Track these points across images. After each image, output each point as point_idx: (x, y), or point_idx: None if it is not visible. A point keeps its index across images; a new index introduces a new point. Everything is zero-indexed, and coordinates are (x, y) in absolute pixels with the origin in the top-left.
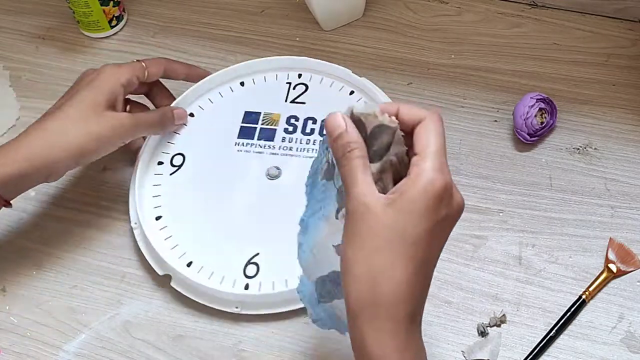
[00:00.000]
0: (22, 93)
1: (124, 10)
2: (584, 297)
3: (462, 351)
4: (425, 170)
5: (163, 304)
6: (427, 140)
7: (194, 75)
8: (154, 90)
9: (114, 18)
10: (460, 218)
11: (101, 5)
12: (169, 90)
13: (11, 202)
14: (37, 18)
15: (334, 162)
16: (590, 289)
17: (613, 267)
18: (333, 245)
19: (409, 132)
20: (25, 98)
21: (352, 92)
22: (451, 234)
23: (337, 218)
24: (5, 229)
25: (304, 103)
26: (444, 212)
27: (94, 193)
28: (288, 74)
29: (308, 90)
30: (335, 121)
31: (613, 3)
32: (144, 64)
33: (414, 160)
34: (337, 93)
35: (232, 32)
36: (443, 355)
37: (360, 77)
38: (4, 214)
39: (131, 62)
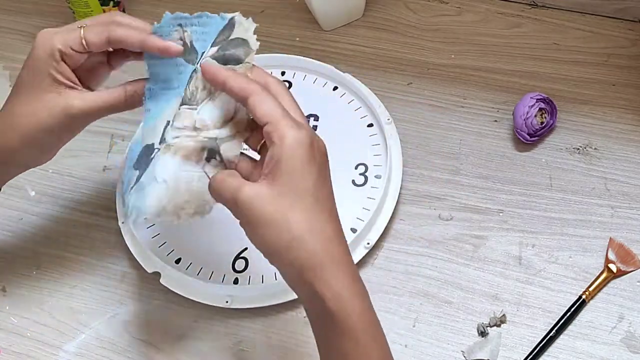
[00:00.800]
0: None
1: (124, 10)
2: (584, 297)
3: (462, 351)
4: (285, 133)
5: (163, 304)
6: (268, 108)
7: (151, 45)
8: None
9: None
10: (461, 218)
11: (101, 5)
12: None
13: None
14: (37, 18)
15: (197, 45)
16: (590, 289)
17: (613, 267)
18: (169, 121)
19: (240, 101)
20: None
21: (335, 88)
22: (451, 234)
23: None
24: (5, 229)
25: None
26: (319, 159)
27: (94, 193)
28: (271, 72)
29: (292, 87)
30: None
31: (613, 3)
32: (81, 31)
33: (267, 129)
34: (321, 89)
35: None
36: (443, 355)
37: (344, 72)
38: (4, 214)
39: (68, 27)
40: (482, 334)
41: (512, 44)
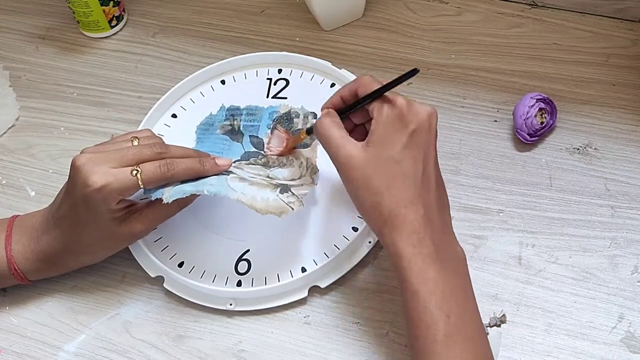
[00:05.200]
0: (22, 93)
1: (124, 10)
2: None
3: None
4: (380, 106)
5: (163, 304)
6: (370, 89)
7: (211, 172)
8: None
9: (114, 18)
10: (461, 218)
11: (101, 5)
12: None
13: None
14: (37, 18)
15: (244, 130)
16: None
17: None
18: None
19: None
20: (25, 98)
21: (333, 85)
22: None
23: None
24: None
25: (285, 98)
26: (412, 127)
27: None
28: (268, 70)
29: (289, 85)
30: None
31: (613, 3)
32: (139, 178)
33: (371, 107)
34: (318, 86)
35: (232, 32)
36: None
37: (340, 69)
38: (4, 214)
39: (120, 177)
40: None
41: (512, 44)
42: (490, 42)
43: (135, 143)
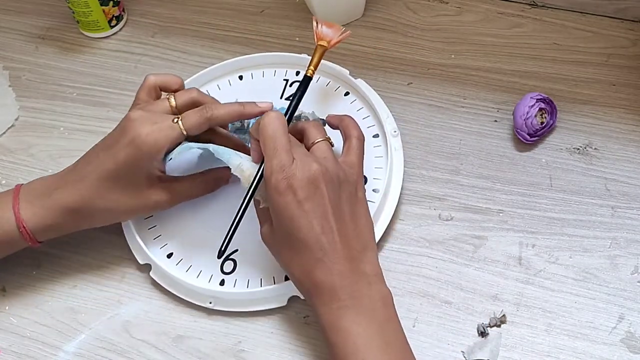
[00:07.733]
0: (22, 93)
1: (123, 10)
2: (309, 74)
3: (462, 351)
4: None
5: (163, 304)
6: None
7: (249, 113)
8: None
9: (114, 18)
10: (461, 218)
11: (101, 5)
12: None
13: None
14: (37, 18)
15: None
16: (312, 67)
17: (324, 43)
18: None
19: None
20: (24, 98)
21: (347, 93)
22: (451, 234)
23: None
24: None
25: None
26: (301, 195)
27: None
28: (286, 71)
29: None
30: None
31: (613, 3)
32: (180, 125)
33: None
34: (332, 93)
35: (232, 32)
36: (443, 355)
37: (356, 78)
38: None
39: (162, 125)
40: (482, 334)
41: (512, 44)
42: (490, 42)
43: (172, 100)
